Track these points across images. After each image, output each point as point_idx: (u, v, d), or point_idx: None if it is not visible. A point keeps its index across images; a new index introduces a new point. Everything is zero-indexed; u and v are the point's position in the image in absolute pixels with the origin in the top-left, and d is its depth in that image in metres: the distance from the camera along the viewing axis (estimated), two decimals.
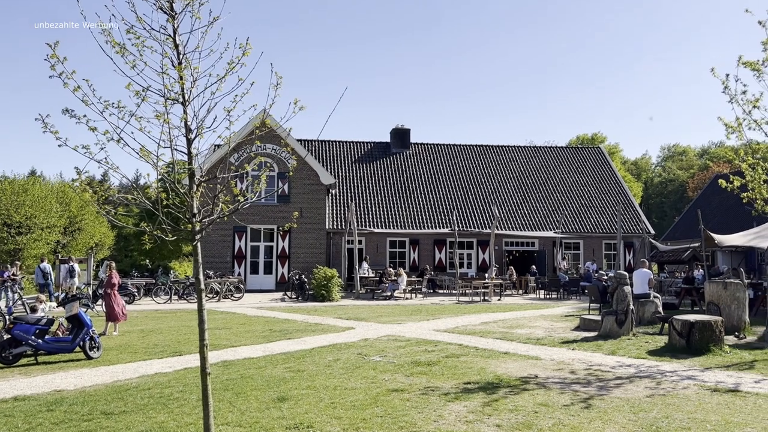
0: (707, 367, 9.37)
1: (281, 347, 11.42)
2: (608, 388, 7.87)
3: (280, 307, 20.20)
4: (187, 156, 4.91)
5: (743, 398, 7.29)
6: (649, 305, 15.05)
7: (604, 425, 6.17)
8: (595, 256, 32.63)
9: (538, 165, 37.02)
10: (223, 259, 28.34)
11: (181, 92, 4.89)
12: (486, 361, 9.83)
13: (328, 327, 14.60)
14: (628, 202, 34.71)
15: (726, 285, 13.88)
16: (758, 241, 18.83)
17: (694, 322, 10.75)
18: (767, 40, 10.41)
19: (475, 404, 6.97)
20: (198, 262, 4.96)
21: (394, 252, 31.73)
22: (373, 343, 11.94)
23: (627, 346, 11.37)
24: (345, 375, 8.69)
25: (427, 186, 34.00)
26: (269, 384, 8.13)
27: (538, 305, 21.18)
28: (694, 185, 60.20)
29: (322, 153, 35.08)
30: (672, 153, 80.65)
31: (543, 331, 13.73)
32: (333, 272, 23.02)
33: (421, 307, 19.97)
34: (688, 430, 5.99)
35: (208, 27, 4.97)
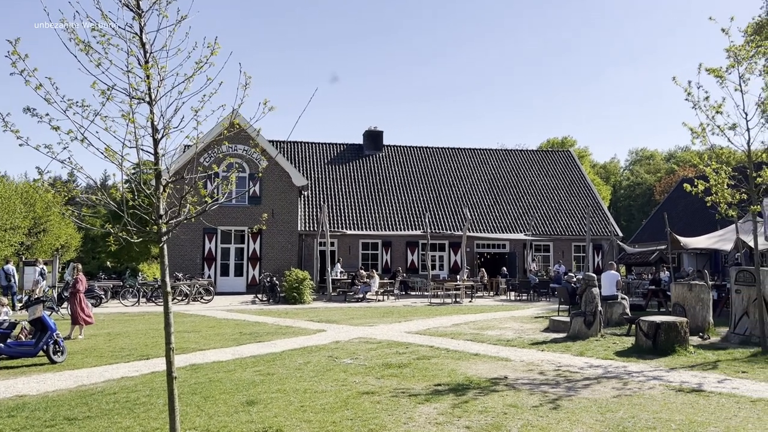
0: (672, 367, 9.54)
1: (251, 350, 11.30)
2: (576, 388, 7.96)
3: (251, 310, 20.02)
4: (154, 156, 4.83)
5: (707, 398, 7.44)
6: (616, 306, 15.29)
7: (572, 426, 6.23)
8: (565, 258, 33.05)
9: (510, 168, 37.37)
10: (193, 261, 27.98)
11: (148, 91, 4.81)
12: (457, 363, 9.86)
13: (299, 330, 14.51)
14: (597, 205, 35.23)
15: (691, 286, 14.17)
16: (722, 244, 19.30)
17: (660, 323, 10.95)
18: (730, 47, 10.68)
19: (445, 406, 6.99)
20: (164, 264, 4.88)
21: (367, 254, 31.71)
22: (344, 345, 11.90)
23: (595, 347, 11.53)
24: (315, 378, 8.64)
25: (400, 188, 34.07)
26: (238, 387, 8.04)
27: (509, 307, 21.36)
28: (661, 189, 61.42)
29: (294, 154, 34.90)
30: (640, 157, 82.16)
31: (513, 333, 13.84)
32: (305, 274, 22.90)
33: (393, 309, 19.98)
34: (653, 430, 6.09)
35: (176, 26, 4.90)
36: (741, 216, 12.67)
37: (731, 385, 8.14)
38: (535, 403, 7.14)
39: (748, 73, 10.86)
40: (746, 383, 8.32)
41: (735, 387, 8.05)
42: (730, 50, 10.81)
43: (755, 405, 7.08)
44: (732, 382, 8.36)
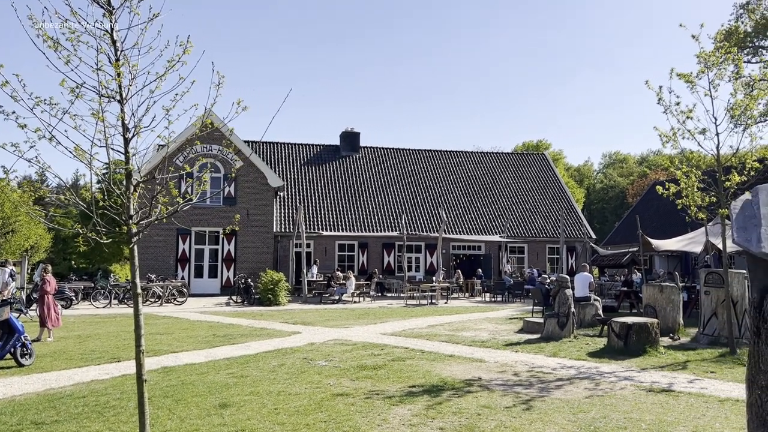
0: (643, 367, 9.68)
1: (224, 352, 11.19)
2: (549, 389, 8.03)
3: (225, 312, 19.84)
4: (124, 156, 4.75)
5: (676, 398, 7.55)
6: (589, 308, 15.47)
7: (544, 426, 6.28)
8: (539, 259, 33.36)
9: (485, 170, 37.62)
10: (166, 262, 27.64)
11: (119, 90, 4.73)
12: (431, 364, 9.88)
13: (274, 331, 14.41)
14: (570, 207, 35.64)
15: (662, 288, 14.40)
16: (692, 246, 19.64)
17: (631, 325, 11.10)
18: (700, 53, 10.88)
19: (420, 407, 6.99)
20: (135, 265, 4.80)
21: (343, 255, 31.65)
22: (319, 347, 11.85)
23: (568, 348, 11.64)
24: (289, 380, 8.58)
25: (377, 189, 34.07)
26: (211, 390, 7.95)
27: (484, 308, 21.48)
28: (634, 192, 62.36)
29: (270, 155, 34.69)
30: (613, 160, 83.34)
31: (488, 334, 13.92)
32: (280, 276, 22.76)
33: (368, 311, 19.96)
34: (624, 430, 6.16)
35: (148, 24, 4.83)
36: (710, 219, 12.93)
37: (700, 385, 8.29)
38: (509, 403, 7.19)
39: (718, 79, 11.08)
40: (714, 383, 8.47)
41: (704, 387, 8.19)
42: (701, 56, 11.01)
43: (723, 404, 7.21)
44: (701, 382, 8.51)
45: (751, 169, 10.93)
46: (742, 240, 4.91)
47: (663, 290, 14.27)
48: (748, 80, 11.51)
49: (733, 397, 7.50)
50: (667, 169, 12.08)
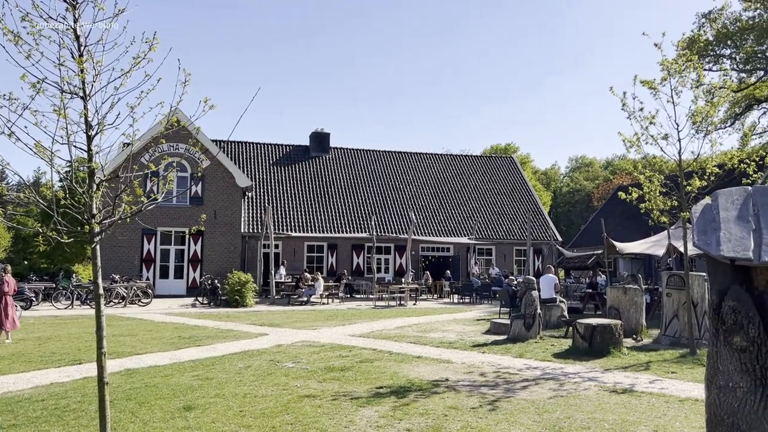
0: (607, 368, 9.85)
1: (190, 354, 11.03)
2: (515, 390, 8.11)
3: (191, 313, 19.56)
4: (87, 153, 4.64)
5: (638, 398, 7.70)
6: (555, 309, 15.68)
7: (510, 426, 6.34)
8: (506, 261, 33.71)
9: (454, 172, 37.87)
10: (131, 262, 27.14)
11: (82, 86, 4.63)
12: (399, 365, 9.90)
13: (241, 333, 14.27)
14: (537, 210, 36.10)
15: (625, 290, 14.68)
16: (655, 249, 20.07)
17: (595, 326, 11.28)
18: (663, 61, 11.13)
19: (387, 409, 6.99)
20: (97, 265, 4.70)
21: (312, 256, 31.50)
22: (286, 349, 11.77)
23: (534, 349, 11.78)
24: (256, 382, 8.50)
25: (346, 190, 34.01)
26: (175, 393, 7.83)
27: (452, 309, 21.61)
28: (599, 195, 63.48)
29: (239, 155, 34.35)
30: (579, 164, 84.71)
31: (455, 335, 14.00)
32: (247, 277, 22.53)
33: (337, 312, 19.90)
34: (587, 430, 6.26)
35: (113, 19, 4.74)
36: (672, 222, 13.23)
37: (661, 386, 8.46)
38: (475, 404, 7.24)
39: (680, 86, 11.34)
40: (675, 383, 8.66)
41: (664, 387, 8.36)
42: (663, 64, 11.27)
43: (683, 404, 7.37)
44: (662, 383, 8.69)
45: (711, 174, 11.22)
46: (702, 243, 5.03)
47: (626, 292, 14.55)
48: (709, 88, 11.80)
49: (692, 397, 7.68)
50: (631, 174, 12.32)
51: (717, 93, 11.57)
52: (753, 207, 5.03)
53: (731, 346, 4.82)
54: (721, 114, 31.60)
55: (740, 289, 4.81)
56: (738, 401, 4.73)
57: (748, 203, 5.06)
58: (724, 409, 4.81)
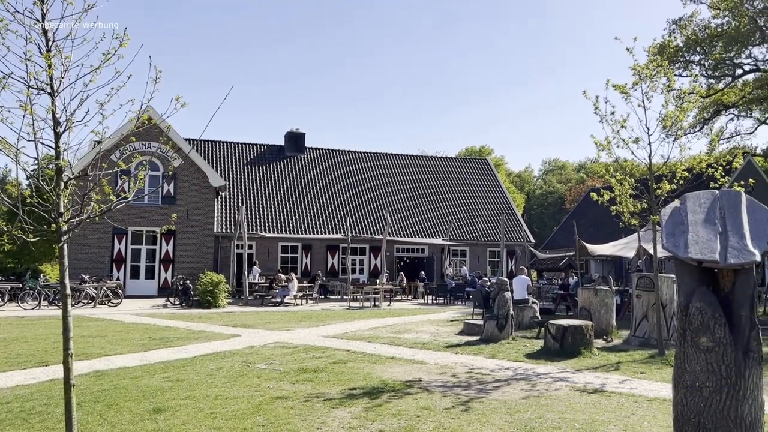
0: (578, 368, 9.96)
1: (160, 356, 10.87)
2: (487, 390, 8.16)
3: (162, 314, 19.29)
4: (55, 151, 4.55)
5: (608, 398, 7.80)
6: (527, 310, 15.81)
7: (482, 427, 6.37)
8: (480, 262, 33.92)
9: (430, 174, 38.00)
10: (101, 262, 26.68)
11: (50, 82, 4.53)
12: (372, 366, 9.88)
13: (213, 334, 14.11)
14: (511, 212, 36.41)
15: (596, 291, 14.87)
16: (625, 251, 20.38)
17: (567, 327, 11.41)
18: (635, 66, 11.31)
19: (359, 410, 6.97)
20: (64, 264, 4.60)
21: (286, 257, 31.32)
22: (258, 350, 11.67)
23: (506, 350, 11.86)
24: (227, 384, 8.41)
25: (321, 191, 33.90)
26: (145, 395, 7.70)
27: (426, 310, 21.67)
28: (572, 198, 64.29)
29: (212, 154, 34.00)
30: (552, 167, 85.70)
31: (429, 336, 14.03)
32: (220, 277, 22.30)
33: (311, 313, 19.81)
34: (558, 430, 6.32)
35: (82, 14, 4.64)
36: (642, 225, 13.44)
37: (630, 386, 8.59)
38: (448, 405, 7.26)
39: (651, 91, 11.53)
40: (644, 383, 8.79)
41: (634, 387, 8.49)
42: (635, 69, 11.45)
43: (651, 404, 7.49)
44: (631, 383, 8.82)
45: (681, 178, 11.43)
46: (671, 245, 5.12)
47: (597, 293, 14.74)
48: (679, 93, 12.02)
49: (661, 397, 7.80)
50: (603, 177, 12.49)
51: (686, 98, 11.79)
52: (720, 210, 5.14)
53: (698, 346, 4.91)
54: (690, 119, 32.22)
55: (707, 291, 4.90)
56: (704, 401, 4.82)
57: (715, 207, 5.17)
58: (691, 409, 4.90)
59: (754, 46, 34.78)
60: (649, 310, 12.98)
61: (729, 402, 4.74)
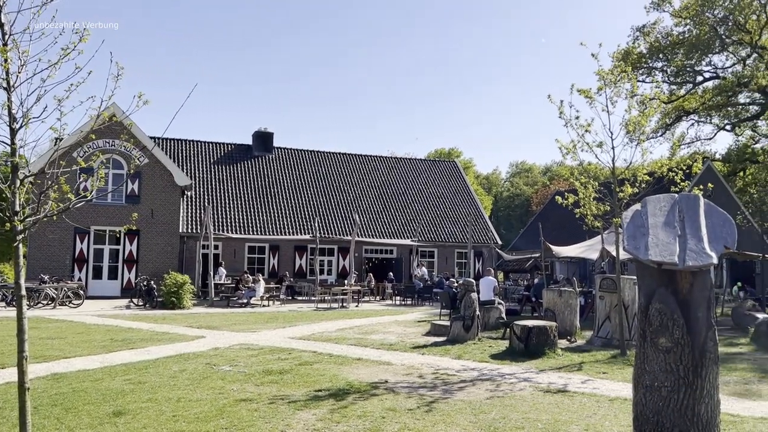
0: (542, 369, 10.08)
1: (122, 358, 10.66)
2: (452, 391, 8.20)
3: (125, 315, 18.92)
4: (10, 147, 4.41)
5: (571, 398, 7.92)
6: (493, 311, 15.95)
7: (446, 427, 6.39)
8: (448, 264, 34.12)
9: (399, 175, 38.07)
10: (62, 262, 26.03)
11: (6, 77, 4.40)
12: (339, 368, 9.85)
13: (176, 336, 13.89)
14: (479, 213, 36.71)
15: (561, 293, 15.08)
16: (589, 253, 20.72)
17: (531, 327, 11.54)
18: (599, 71, 11.50)
19: (324, 412, 6.94)
20: (19, 264, 4.47)
21: (253, 258, 31.01)
22: (223, 352, 11.53)
23: (472, 351, 11.95)
24: (190, 386, 8.28)
25: (289, 191, 33.66)
26: (105, 398, 7.54)
27: (394, 311, 21.70)
28: (538, 200, 65.15)
29: (178, 153, 33.48)
30: (519, 170, 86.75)
31: (396, 337, 14.05)
32: (185, 278, 21.97)
33: (278, 315, 19.65)
34: (522, 429, 6.38)
35: (41, 8, 4.52)
36: (606, 227, 13.68)
37: (593, 386, 8.73)
38: (413, 406, 7.27)
39: (616, 96, 11.75)
40: (606, 383, 8.95)
41: (596, 387, 8.63)
42: (600, 74, 11.65)
43: (613, 403, 7.62)
44: (593, 383, 8.96)
45: (642, 181, 11.66)
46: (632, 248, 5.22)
47: (562, 295, 14.95)
48: (642, 99, 12.27)
49: (622, 396, 7.95)
50: (568, 180, 12.69)
51: (649, 104, 12.05)
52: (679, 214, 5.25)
53: (657, 347, 5.01)
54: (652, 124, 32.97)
55: (666, 292, 5.01)
56: (663, 400, 4.92)
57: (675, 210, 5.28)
58: (650, 408, 4.99)
59: (714, 54, 35.80)
60: (611, 311, 13.21)
61: (686, 401, 4.85)
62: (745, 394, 8.39)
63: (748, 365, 10.87)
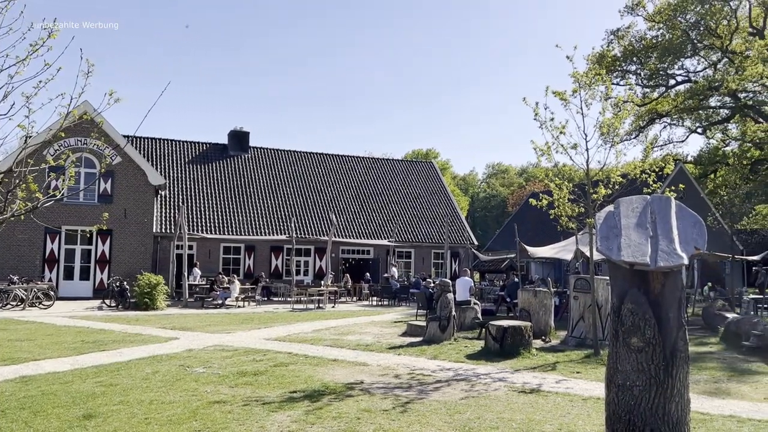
0: (517, 369, 10.15)
1: (93, 360, 10.47)
2: (428, 391, 8.21)
3: (97, 316, 18.61)
4: None
5: (545, 397, 7.98)
6: (469, 311, 16.02)
7: (422, 428, 6.40)
8: (425, 264, 34.20)
9: (376, 176, 38.06)
10: (32, 262, 25.51)
11: None
12: (314, 369, 9.80)
13: (149, 337, 13.70)
14: (455, 214, 36.87)
15: (536, 293, 15.20)
16: (563, 254, 20.92)
17: (507, 327, 11.61)
18: (574, 73, 11.62)
19: (299, 413, 6.89)
20: None
21: (228, 258, 30.73)
22: (197, 353, 11.39)
23: (448, 351, 11.98)
24: (163, 388, 8.17)
25: (266, 191, 33.43)
26: (75, 400, 7.40)
27: (370, 312, 21.67)
28: (514, 201, 65.70)
29: (152, 152, 33.03)
30: (496, 171, 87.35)
31: (372, 337, 14.03)
32: (158, 279, 21.68)
33: (253, 316, 19.50)
34: (496, 429, 6.41)
35: (9, 3, 4.42)
36: (580, 228, 13.83)
37: (566, 385, 8.80)
38: (388, 407, 7.26)
39: (590, 99, 11.88)
40: (580, 383, 9.03)
41: (569, 387, 8.71)
42: (574, 76, 11.77)
43: (586, 403, 7.70)
44: (567, 382, 9.04)
45: (616, 183, 11.81)
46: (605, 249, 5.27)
47: (537, 295, 15.07)
48: (616, 101, 12.43)
49: (595, 396, 8.03)
50: (543, 181, 12.79)
51: (623, 106, 12.21)
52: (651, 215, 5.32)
53: (629, 346, 5.06)
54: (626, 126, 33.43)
55: (638, 293, 5.07)
56: (634, 399, 4.98)
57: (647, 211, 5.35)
58: (622, 407, 5.05)
59: (686, 58, 36.40)
60: (585, 312, 13.35)
61: (658, 400, 4.91)
62: (714, 393, 8.54)
63: (717, 364, 11.07)
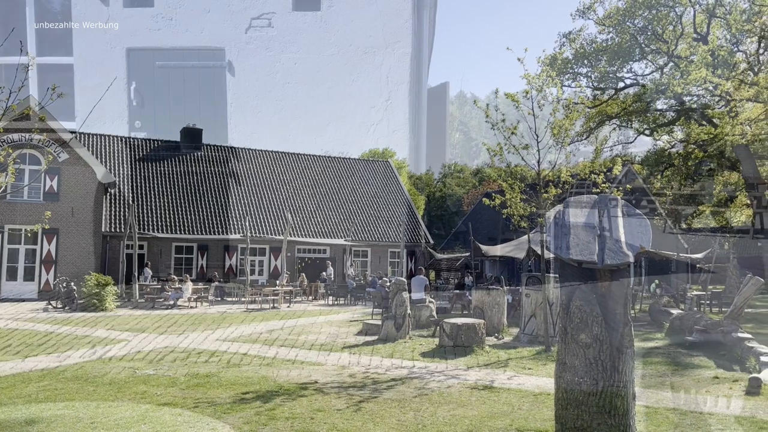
0: (470, 366, 10.27)
1: (38, 363, 10.12)
2: (382, 390, 8.22)
3: (42, 319, 17.99)
4: None
5: (497, 393, 8.10)
6: (424, 309, 16.11)
7: (375, 426, 6.40)
8: (381, 263, 34.27)
9: (332, 174, 37.90)
10: None
11: None
12: (268, 370, 9.70)
13: (98, 339, 13.30)
14: (412, 213, 37.06)
15: (489, 291, 15.41)
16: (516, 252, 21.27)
17: (461, 325, 11.73)
18: (525, 75, 11.83)
19: (251, 414, 6.81)
20: None
21: (180, 258, 30.10)
22: (147, 355, 11.13)
23: (403, 349, 12.03)
24: (111, 391, 7.95)
25: (219, 189, 32.87)
26: (17, 405, 7.13)
27: (326, 311, 21.57)
28: (469, 201, 66.44)
29: (102, 149, 32.10)
30: (451, 171, 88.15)
31: (327, 337, 13.97)
32: (107, 279, 21.08)
33: (206, 317, 19.17)
34: (449, 426, 6.47)
35: None
36: (532, 227, 14.08)
37: (518, 381, 8.96)
38: (342, 406, 7.24)
39: (543, 100, 12.11)
40: (531, 379, 9.20)
41: (521, 383, 8.86)
42: (526, 78, 11.98)
43: (537, 398, 7.84)
44: (519, 379, 9.20)
45: (565, 182, 12.07)
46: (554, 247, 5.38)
47: (490, 293, 15.28)
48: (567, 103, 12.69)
49: (546, 391, 8.18)
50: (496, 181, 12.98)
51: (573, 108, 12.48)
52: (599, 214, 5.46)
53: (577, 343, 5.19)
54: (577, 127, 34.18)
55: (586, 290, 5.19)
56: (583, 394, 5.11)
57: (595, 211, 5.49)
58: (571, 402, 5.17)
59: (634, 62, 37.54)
60: (537, 309, 13.60)
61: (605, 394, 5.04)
62: (659, 387, 8.82)
63: (662, 359, 11.43)
